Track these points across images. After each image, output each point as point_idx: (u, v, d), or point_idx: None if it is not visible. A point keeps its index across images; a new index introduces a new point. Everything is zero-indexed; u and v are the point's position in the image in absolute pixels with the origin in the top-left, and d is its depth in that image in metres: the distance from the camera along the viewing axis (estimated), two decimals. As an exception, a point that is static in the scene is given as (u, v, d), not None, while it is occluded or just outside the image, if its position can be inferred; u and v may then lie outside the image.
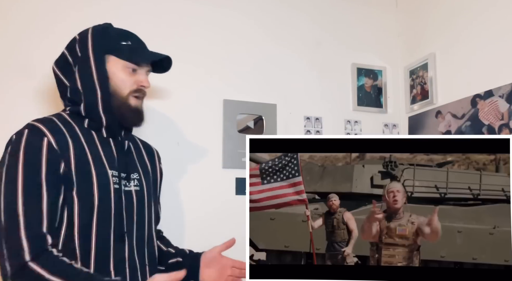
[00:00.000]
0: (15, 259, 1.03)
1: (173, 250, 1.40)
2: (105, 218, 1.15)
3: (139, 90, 1.25)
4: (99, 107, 1.19)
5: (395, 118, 2.21)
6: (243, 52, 1.99)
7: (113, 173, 1.19)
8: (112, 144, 1.24)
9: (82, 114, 1.20)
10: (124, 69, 1.22)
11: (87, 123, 1.21)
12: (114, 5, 1.80)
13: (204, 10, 1.95)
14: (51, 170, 1.09)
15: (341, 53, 2.16)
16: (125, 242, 1.19)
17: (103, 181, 1.16)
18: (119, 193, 1.19)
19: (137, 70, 1.24)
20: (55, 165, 1.10)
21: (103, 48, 1.20)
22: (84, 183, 1.13)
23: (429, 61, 2.04)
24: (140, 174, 1.29)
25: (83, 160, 1.14)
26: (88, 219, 1.13)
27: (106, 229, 1.15)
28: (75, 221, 1.11)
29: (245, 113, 1.95)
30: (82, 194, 1.12)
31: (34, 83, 1.66)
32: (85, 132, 1.19)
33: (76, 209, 1.11)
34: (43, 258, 1.04)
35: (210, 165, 1.86)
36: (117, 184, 1.19)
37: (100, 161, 1.18)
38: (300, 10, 2.11)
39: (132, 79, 1.23)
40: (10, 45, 1.67)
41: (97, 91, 1.19)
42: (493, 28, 1.75)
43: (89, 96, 1.19)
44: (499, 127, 1.69)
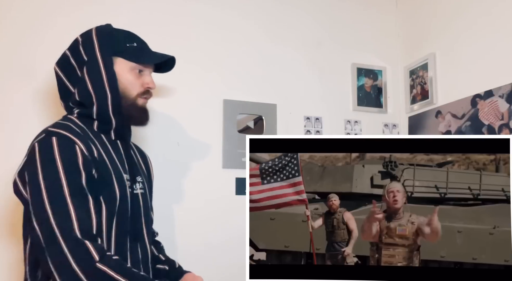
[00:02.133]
0: (83, 262, 1.02)
1: (163, 257, 1.40)
2: (123, 221, 1.17)
3: (147, 91, 1.27)
4: (109, 109, 1.19)
5: (395, 118, 2.21)
6: (243, 52, 1.99)
7: (127, 177, 1.21)
8: (120, 147, 1.25)
9: (93, 117, 1.20)
10: (131, 70, 1.23)
11: (96, 126, 1.21)
12: (115, 5, 1.80)
13: (204, 10, 1.94)
14: (88, 174, 1.10)
15: (341, 53, 2.16)
16: (138, 243, 1.22)
17: (122, 185, 1.18)
18: (132, 196, 1.21)
19: (143, 71, 1.26)
20: (89, 169, 1.11)
21: (110, 50, 1.20)
22: (108, 188, 1.14)
23: (429, 61, 2.04)
24: (143, 177, 1.31)
25: (104, 166, 1.15)
26: (110, 223, 1.14)
27: (124, 231, 1.17)
28: (103, 225, 1.12)
29: (245, 113, 1.95)
30: (107, 199, 1.14)
31: (34, 84, 1.66)
32: (97, 136, 1.20)
33: (104, 214, 1.12)
34: (106, 258, 1.04)
35: (210, 165, 1.86)
36: (130, 187, 1.21)
37: (116, 165, 1.19)
38: (300, 10, 2.11)
39: (139, 81, 1.24)
40: (11, 46, 1.67)
41: (107, 93, 1.18)
42: (493, 28, 1.75)
43: (100, 98, 1.19)
44: (499, 127, 1.69)
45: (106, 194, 1.13)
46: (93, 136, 1.18)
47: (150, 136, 1.58)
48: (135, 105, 1.24)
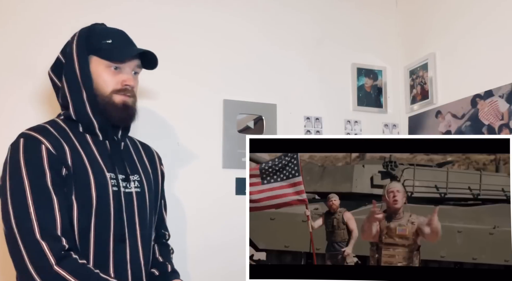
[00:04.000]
0: (39, 264, 1.02)
1: (161, 260, 1.35)
2: (104, 221, 1.15)
3: (124, 89, 1.22)
4: (87, 109, 1.19)
5: (395, 118, 2.21)
6: (243, 52, 1.99)
7: (111, 176, 1.18)
8: (108, 146, 1.23)
9: (73, 118, 1.20)
10: (106, 68, 1.20)
11: (81, 127, 1.21)
12: (114, 6, 1.80)
13: (204, 10, 1.94)
14: (55, 173, 1.09)
15: (341, 53, 2.16)
16: (126, 244, 1.18)
17: (101, 185, 1.15)
18: (118, 195, 1.18)
19: (121, 69, 1.22)
20: (57, 168, 1.10)
21: (86, 49, 1.20)
22: (82, 187, 1.13)
23: (429, 61, 2.04)
24: (141, 176, 1.29)
25: (80, 165, 1.14)
26: (87, 223, 1.12)
27: (106, 232, 1.15)
28: (74, 225, 1.11)
29: (245, 113, 1.95)
30: (80, 198, 1.12)
31: (34, 85, 1.66)
32: (80, 137, 1.19)
33: (75, 213, 1.11)
34: (65, 262, 1.04)
35: (210, 165, 1.86)
36: (116, 187, 1.18)
37: (97, 165, 1.17)
38: (300, 10, 2.11)
39: (116, 79, 1.21)
40: (11, 48, 1.67)
41: (82, 92, 1.18)
42: (493, 28, 1.75)
43: (75, 98, 1.18)
44: (499, 127, 1.69)
45: (79, 194, 1.12)
46: (75, 136, 1.18)
47: (150, 136, 1.58)
48: (111, 103, 1.20)
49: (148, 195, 1.29)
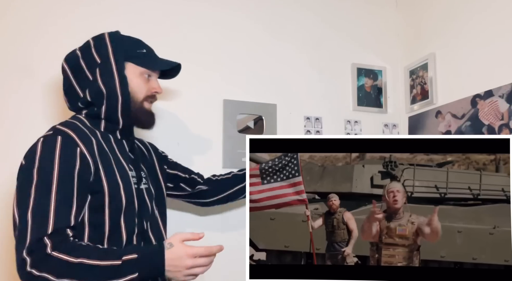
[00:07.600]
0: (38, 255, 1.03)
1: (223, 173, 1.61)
2: (130, 218, 1.20)
3: (153, 95, 1.33)
4: (118, 110, 1.25)
5: (395, 118, 2.20)
6: (243, 52, 1.99)
7: (132, 174, 1.25)
8: (126, 145, 1.29)
9: (101, 117, 1.25)
10: (141, 75, 1.28)
11: (104, 126, 1.25)
12: (114, 5, 1.80)
13: (204, 10, 1.94)
14: (82, 180, 1.12)
15: (341, 53, 2.15)
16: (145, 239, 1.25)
17: (127, 183, 1.21)
18: (138, 192, 1.24)
19: (151, 77, 1.32)
20: (86, 174, 1.14)
21: (122, 55, 1.26)
22: (113, 186, 1.17)
23: (429, 61, 2.04)
24: (146, 172, 1.35)
25: (108, 165, 1.19)
26: (117, 221, 1.17)
27: (132, 228, 1.20)
28: (106, 225, 1.15)
29: (245, 113, 1.95)
30: (112, 198, 1.16)
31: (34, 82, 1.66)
32: (104, 136, 1.24)
33: (107, 213, 1.15)
34: (63, 246, 1.05)
35: (210, 165, 1.86)
36: (136, 184, 1.25)
37: (121, 164, 1.23)
38: (300, 10, 2.11)
39: (147, 85, 1.30)
40: (10, 44, 1.67)
41: (118, 95, 1.24)
42: (493, 28, 1.75)
43: (111, 99, 1.23)
44: (499, 127, 1.69)
45: (110, 194, 1.16)
46: (101, 136, 1.23)
47: (150, 136, 1.58)
48: (142, 109, 1.30)
49: (153, 190, 1.35)
